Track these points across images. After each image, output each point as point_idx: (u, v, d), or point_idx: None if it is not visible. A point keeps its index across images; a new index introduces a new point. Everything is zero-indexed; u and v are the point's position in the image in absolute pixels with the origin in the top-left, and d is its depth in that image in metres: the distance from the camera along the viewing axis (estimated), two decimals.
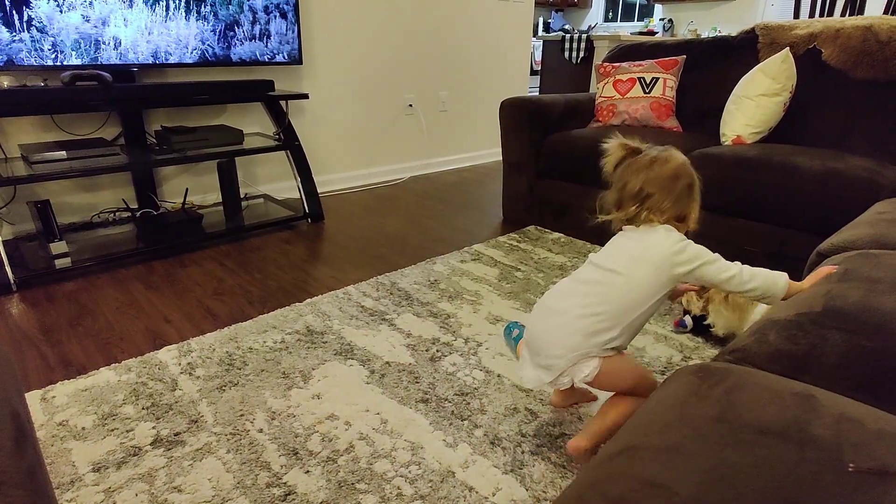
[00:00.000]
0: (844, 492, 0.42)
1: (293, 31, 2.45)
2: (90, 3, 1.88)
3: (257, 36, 2.34)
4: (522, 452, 1.09)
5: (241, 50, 2.31)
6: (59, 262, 1.85)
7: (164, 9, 2.06)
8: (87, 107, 1.97)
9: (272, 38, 2.39)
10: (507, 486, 1.01)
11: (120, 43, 2.00)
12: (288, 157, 2.49)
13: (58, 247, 1.86)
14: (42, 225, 1.86)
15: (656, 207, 1.01)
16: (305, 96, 2.46)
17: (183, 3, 2.09)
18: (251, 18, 2.30)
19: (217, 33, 2.22)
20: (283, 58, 2.46)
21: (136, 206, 2.33)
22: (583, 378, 0.97)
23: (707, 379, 0.60)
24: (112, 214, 2.29)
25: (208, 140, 2.20)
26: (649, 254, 0.99)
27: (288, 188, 2.83)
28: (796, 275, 1.04)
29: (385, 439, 1.12)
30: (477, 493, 0.99)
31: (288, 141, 2.44)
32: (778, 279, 1.02)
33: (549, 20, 7.23)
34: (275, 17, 2.37)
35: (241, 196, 2.57)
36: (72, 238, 2.08)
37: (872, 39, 2.00)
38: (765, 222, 1.79)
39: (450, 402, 1.24)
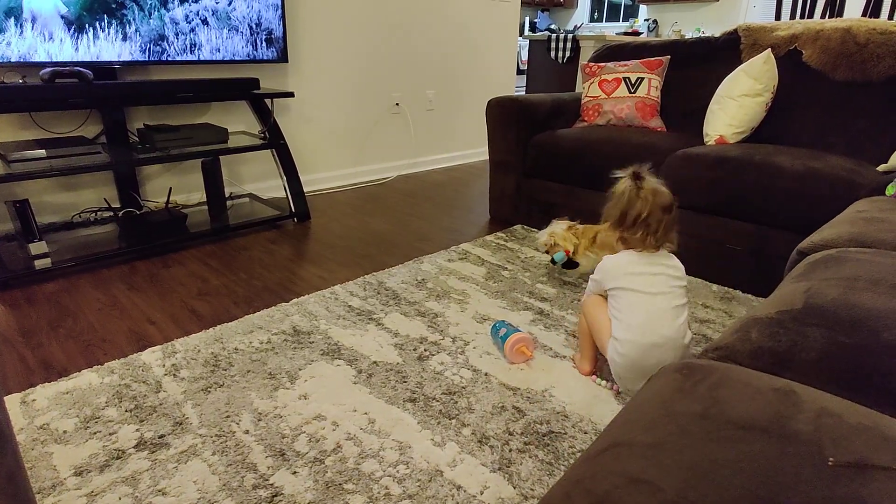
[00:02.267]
0: (824, 485, 0.43)
1: (279, 29, 2.43)
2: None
3: (241, 33, 2.31)
4: (510, 451, 1.09)
5: (225, 47, 2.28)
6: (38, 263, 1.81)
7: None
8: (68, 104, 1.93)
9: (256, 35, 2.36)
10: (495, 484, 1.01)
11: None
12: (273, 155, 2.47)
13: (37, 247, 1.83)
14: (21, 225, 1.82)
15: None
16: (291, 94, 2.44)
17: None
18: (236, 15, 2.27)
19: (196, 32, 2.19)
20: (268, 56, 2.44)
21: (119, 206, 2.30)
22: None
23: (691, 376, 0.61)
24: (93, 214, 2.25)
25: (192, 138, 2.17)
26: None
27: (274, 187, 2.80)
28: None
29: (373, 439, 1.11)
30: (465, 491, 0.99)
31: (273, 139, 2.42)
32: None
33: (535, 20, 7.26)
34: (261, 14, 2.34)
35: (226, 195, 2.54)
36: (52, 238, 2.04)
37: (851, 41, 2.04)
38: (746, 221, 1.82)
39: (437, 401, 1.24)
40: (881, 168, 1.76)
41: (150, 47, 2.09)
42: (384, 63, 3.21)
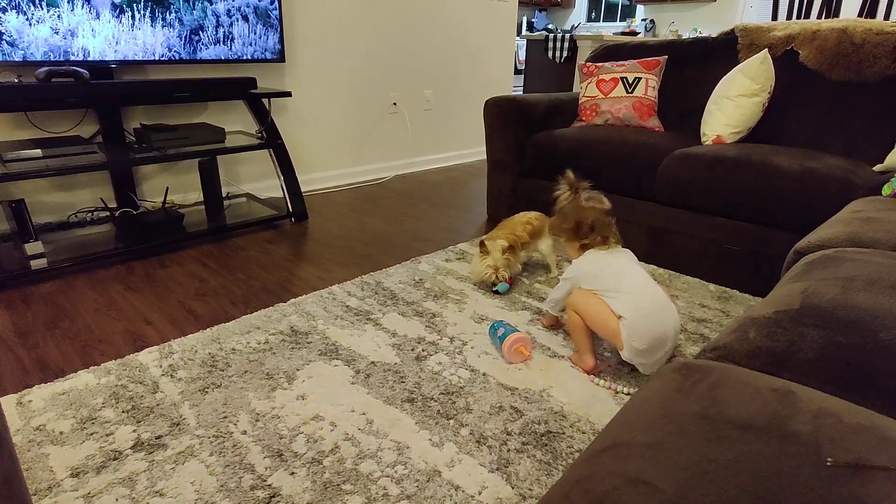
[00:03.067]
0: (822, 485, 0.43)
1: (276, 29, 2.42)
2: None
3: (240, 34, 2.31)
4: (508, 451, 1.09)
5: (222, 47, 2.28)
6: (34, 263, 1.80)
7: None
8: (64, 104, 1.93)
9: (254, 35, 2.36)
10: (493, 484, 1.01)
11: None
12: (271, 155, 2.47)
13: (33, 247, 1.82)
14: (17, 225, 1.81)
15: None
16: (288, 94, 2.43)
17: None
18: (234, 15, 2.26)
19: (194, 32, 2.19)
20: (266, 55, 2.43)
21: (115, 206, 2.29)
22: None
23: (689, 376, 0.61)
24: (90, 214, 2.24)
25: (189, 138, 2.17)
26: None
27: (271, 187, 2.80)
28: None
29: (371, 439, 1.11)
30: (463, 491, 0.99)
31: (271, 139, 2.41)
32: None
33: (533, 19, 7.26)
34: (258, 13, 2.34)
35: (224, 195, 2.54)
36: (48, 238, 2.03)
37: (847, 42, 2.04)
38: (744, 221, 1.83)
39: (435, 401, 1.24)
40: (877, 168, 1.76)
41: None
42: (382, 63, 3.21)
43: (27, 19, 1.80)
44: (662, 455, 0.48)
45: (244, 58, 2.37)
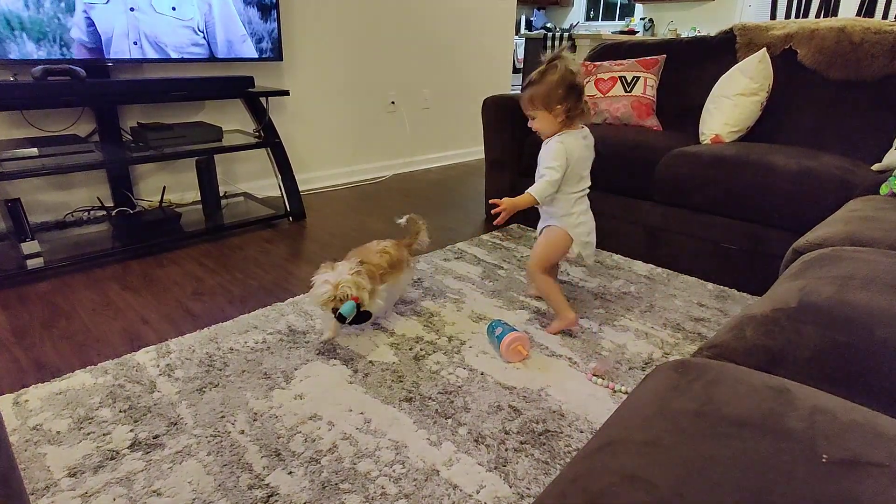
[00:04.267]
0: (817, 482, 0.43)
1: (273, 27, 2.42)
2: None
3: (237, 32, 2.30)
4: (506, 450, 1.09)
5: (219, 45, 2.27)
6: (31, 263, 1.80)
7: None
8: (60, 102, 1.92)
9: (251, 33, 2.35)
10: (491, 483, 1.01)
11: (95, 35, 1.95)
12: (268, 154, 2.46)
13: (30, 246, 1.81)
14: (13, 224, 1.81)
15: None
16: (286, 93, 2.43)
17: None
18: (231, 13, 2.26)
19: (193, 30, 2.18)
20: (263, 54, 2.43)
21: (112, 205, 2.28)
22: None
23: (686, 374, 0.61)
24: (86, 213, 2.23)
25: (186, 137, 2.16)
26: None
27: (269, 186, 2.79)
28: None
29: (369, 439, 1.11)
30: (461, 490, 0.99)
31: (268, 138, 2.41)
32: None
33: (532, 18, 7.26)
34: (256, 12, 2.34)
35: (221, 194, 2.53)
36: (44, 237, 2.03)
37: (846, 41, 2.05)
38: (742, 220, 1.83)
39: (434, 400, 1.24)
40: (875, 167, 1.76)
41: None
42: (379, 61, 3.20)
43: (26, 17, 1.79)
44: (659, 452, 0.48)
45: (242, 56, 2.36)
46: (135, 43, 2.06)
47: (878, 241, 1.06)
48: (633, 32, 5.87)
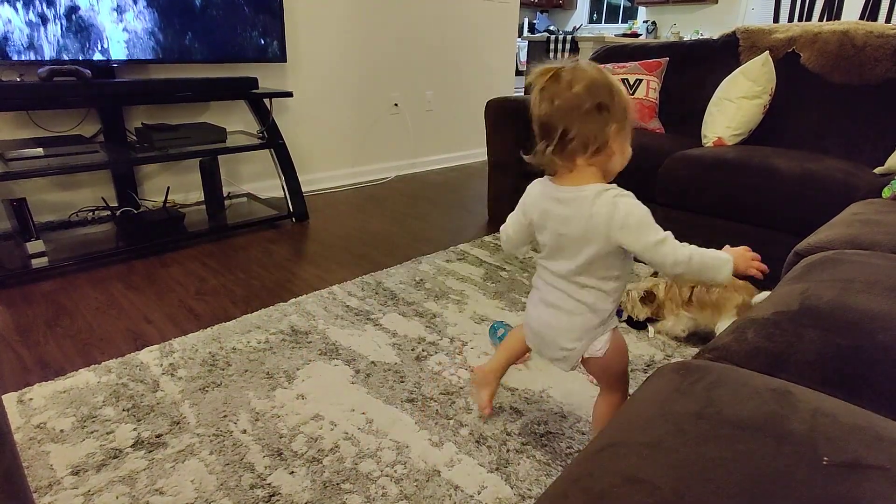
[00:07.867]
0: (819, 484, 0.43)
1: (278, 29, 2.43)
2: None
3: (240, 32, 2.31)
4: (507, 451, 1.09)
5: (224, 47, 2.28)
6: (35, 262, 1.81)
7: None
8: (65, 103, 1.93)
9: (255, 35, 2.36)
10: (493, 484, 1.01)
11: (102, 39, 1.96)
12: (272, 155, 2.47)
13: (34, 246, 1.82)
14: (18, 223, 1.82)
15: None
16: (290, 94, 2.44)
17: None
18: (235, 14, 2.27)
19: (195, 30, 2.19)
20: (267, 55, 2.44)
21: (116, 205, 2.29)
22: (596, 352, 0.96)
23: (688, 376, 0.61)
24: (91, 213, 2.24)
25: (190, 138, 2.17)
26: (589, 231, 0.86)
27: (272, 187, 2.80)
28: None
29: (370, 439, 1.11)
30: (462, 491, 0.99)
31: (272, 139, 2.42)
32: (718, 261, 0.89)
33: (535, 21, 7.27)
34: (260, 14, 2.35)
35: (224, 195, 2.54)
36: (49, 237, 2.03)
37: (848, 44, 2.05)
38: (744, 223, 1.83)
39: (435, 401, 1.24)
40: (878, 170, 1.76)
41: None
42: (383, 63, 3.21)
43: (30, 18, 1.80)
44: (660, 454, 0.48)
45: (246, 57, 2.37)
46: (138, 44, 2.07)
47: (880, 244, 1.06)
48: (636, 35, 5.87)
